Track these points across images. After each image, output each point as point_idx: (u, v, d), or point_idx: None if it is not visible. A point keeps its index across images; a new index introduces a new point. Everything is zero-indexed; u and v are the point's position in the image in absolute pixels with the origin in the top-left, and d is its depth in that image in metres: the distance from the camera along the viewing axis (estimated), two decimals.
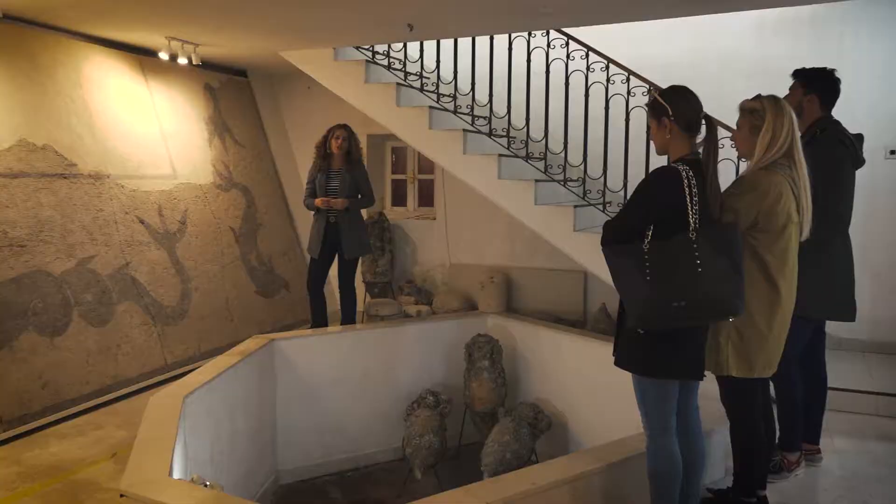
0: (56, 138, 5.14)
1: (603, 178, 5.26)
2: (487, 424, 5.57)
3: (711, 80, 5.38)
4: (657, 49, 6.08)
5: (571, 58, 5.34)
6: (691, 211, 2.58)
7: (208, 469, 4.15)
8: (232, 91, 7.23)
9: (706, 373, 2.85)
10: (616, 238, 2.72)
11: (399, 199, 7.93)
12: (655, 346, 2.66)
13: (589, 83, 5.24)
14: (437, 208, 7.45)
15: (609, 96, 5.17)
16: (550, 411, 5.48)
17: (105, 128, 5.61)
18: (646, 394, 2.75)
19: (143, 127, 6.02)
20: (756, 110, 2.95)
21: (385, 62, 6.08)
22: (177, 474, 3.22)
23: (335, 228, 5.58)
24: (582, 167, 5.39)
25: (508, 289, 6.87)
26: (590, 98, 5.25)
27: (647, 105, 2.85)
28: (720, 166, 2.72)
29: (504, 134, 5.63)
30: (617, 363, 2.82)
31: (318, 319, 5.86)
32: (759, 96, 2.99)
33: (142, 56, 6.12)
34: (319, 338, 5.57)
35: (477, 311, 6.65)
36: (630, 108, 5.02)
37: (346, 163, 5.60)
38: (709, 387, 3.10)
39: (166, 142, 6.20)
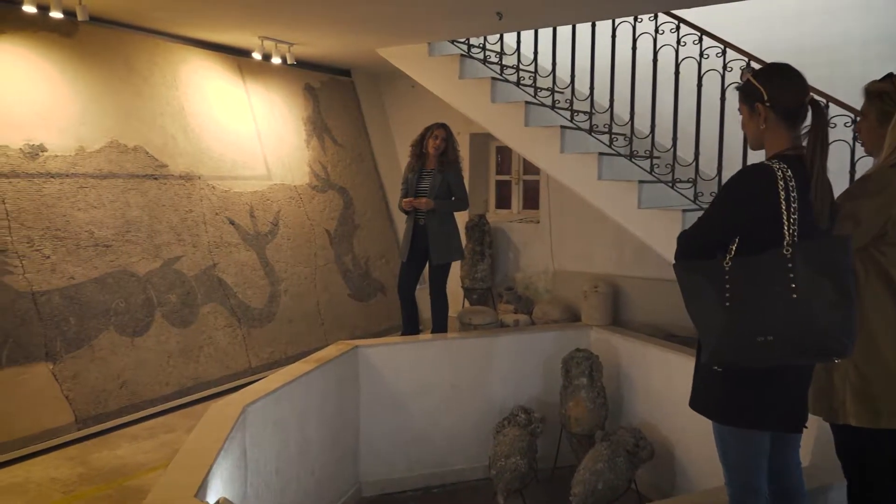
0: (148, 139, 5.19)
1: (717, 178, 4.61)
2: (584, 448, 5.09)
3: (852, 67, 4.59)
4: (788, 31, 5.30)
5: (682, 43, 4.73)
6: (787, 220, 2.02)
7: (273, 480, 4.00)
8: (333, 91, 7.14)
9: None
10: (691, 252, 2.20)
11: (503, 201, 7.54)
12: (738, 387, 2.12)
13: (702, 71, 4.61)
14: (541, 211, 6.99)
15: (725, 86, 4.51)
16: (655, 438, 4.91)
17: (199, 129, 5.63)
18: (727, 446, 2.21)
19: (239, 128, 6.01)
20: (886, 93, 2.33)
21: (480, 55, 5.72)
22: (215, 490, 3.04)
23: (424, 231, 5.32)
24: (693, 166, 4.77)
25: (615, 299, 6.29)
26: (703, 88, 4.63)
27: (737, 87, 2.30)
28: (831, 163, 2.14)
29: (605, 130, 5.11)
30: (692, 405, 2.30)
31: (410, 326, 5.62)
32: (890, 76, 2.36)
33: (240, 57, 6.12)
34: (406, 345, 5.33)
35: (579, 322, 6.15)
36: None
37: (440, 163, 5.32)
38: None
39: (262, 142, 6.16)
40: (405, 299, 5.59)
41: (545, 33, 5.49)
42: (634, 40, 4.94)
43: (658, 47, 4.82)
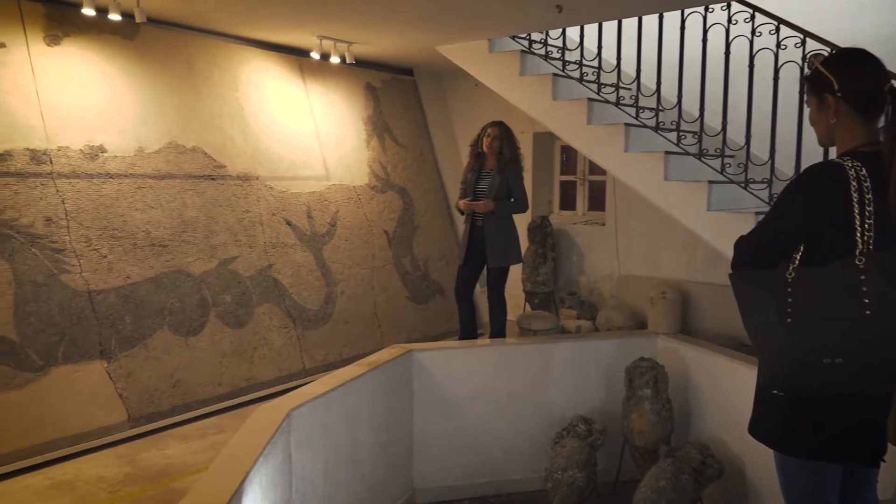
0: (206, 140, 5.22)
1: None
2: (647, 463, 4.82)
3: None
4: (879, 18, 4.88)
5: (758, 34, 4.40)
6: (861, 226, 1.77)
7: (321, 484, 3.92)
8: (395, 90, 7.06)
9: None
10: (750, 260, 1.97)
11: (568, 202, 7.28)
12: (803, 414, 1.88)
13: (779, 63, 4.28)
14: (607, 212, 6.71)
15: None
16: (725, 456, 4.58)
17: (258, 130, 5.63)
18: (790, 479, 1.96)
19: (298, 128, 5.99)
20: None
21: (542, 51, 5.51)
22: (253, 496, 2.96)
23: (481, 233, 5.16)
24: (768, 165, 4.43)
25: (684, 306, 5.96)
26: (779, 81, 4.29)
27: (805, 77, 2.04)
28: None
29: (673, 128, 4.82)
30: (751, 431, 2.06)
31: (466, 330, 5.48)
32: None
33: (301, 58, 6.10)
34: (461, 350, 5.18)
35: (645, 330, 5.85)
36: None
37: (498, 163, 5.15)
38: None
39: (321, 143, 6.13)
40: (462, 302, 5.45)
41: (610, 27, 5.24)
42: (705, 31, 4.64)
43: (731, 38, 4.51)
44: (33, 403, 3.94)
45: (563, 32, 5.47)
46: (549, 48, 5.51)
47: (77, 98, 4.55)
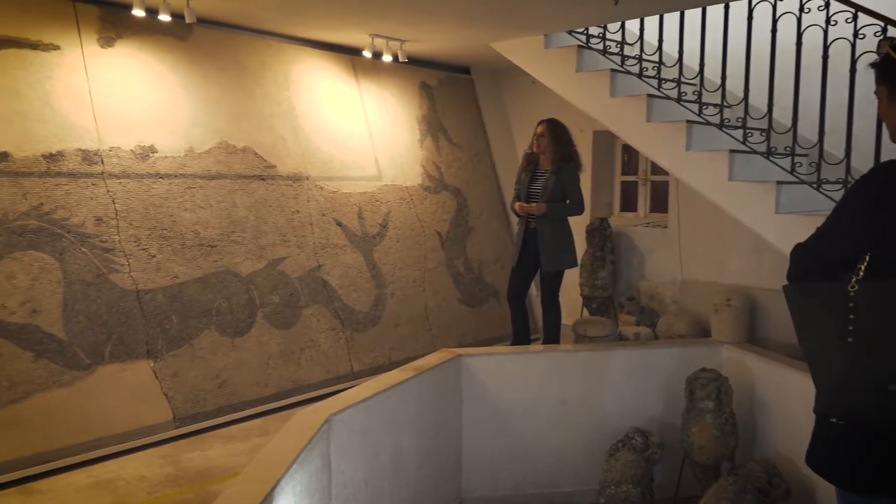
0: (257, 140, 5.21)
1: None
2: (708, 480, 4.55)
3: None
4: None
5: (833, 22, 4.08)
6: None
7: (362, 492, 3.84)
8: (451, 89, 6.93)
9: None
10: (808, 271, 1.74)
11: (629, 203, 7.01)
12: (868, 446, 1.64)
13: (856, 55, 3.95)
14: (670, 214, 6.41)
15: None
16: (793, 477, 4.28)
17: (310, 130, 5.60)
18: None
19: (350, 128, 5.94)
20: None
21: (600, 46, 5.29)
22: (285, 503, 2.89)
23: (534, 236, 4.99)
24: (843, 165, 4.10)
25: (750, 314, 5.62)
26: (857, 73, 3.96)
27: (870, 64, 1.81)
28: None
29: (739, 125, 4.53)
30: (809, 461, 1.83)
31: (519, 334, 5.32)
32: None
33: (354, 56, 6.05)
34: (513, 356, 5.02)
35: (708, 339, 5.55)
36: None
37: (553, 163, 4.96)
38: None
39: (373, 143, 6.06)
40: (514, 307, 5.29)
41: (671, 18, 4.97)
42: (774, 21, 4.34)
43: (803, 28, 4.20)
44: (80, 401, 3.98)
45: (623, 26, 5.24)
46: (608, 43, 5.28)
47: (129, 99, 4.59)
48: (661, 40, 4.95)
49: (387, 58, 5.76)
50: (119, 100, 4.54)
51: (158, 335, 4.37)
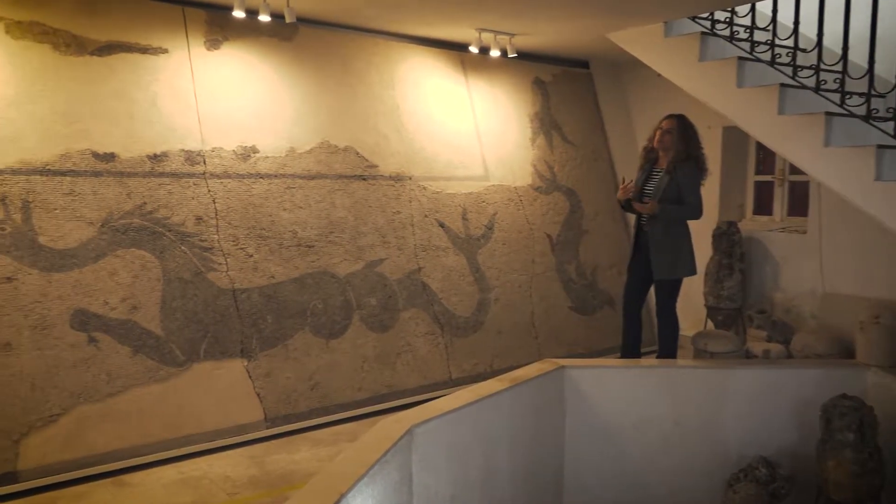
0: (359, 139, 5.14)
1: None
2: None
3: None
4: None
5: None
6: None
7: None
8: (566, 84, 6.59)
9: None
10: None
11: (763, 206, 6.36)
12: None
13: None
14: (810, 218, 5.74)
15: None
16: None
17: (414, 129, 5.47)
18: None
19: (457, 126, 5.76)
20: None
21: (727, 32, 4.79)
22: None
23: (647, 239, 4.60)
24: None
25: None
26: None
27: None
28: None
29: (889, 116, 3.92)
30: None
31: (627, 346, 4.96)
32: None
33: (463, 53, 5.86)
34: (621, 370, 4.65)
35: (852, 360, 4.91)
36: None
37: (671, 161, 4.54)
38: None
39: (480, 141, 5.84)
40: (627, 316, 4.93)
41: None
42: None
43: None
44: (174, 397, 4.06)
45: (753, 8, 4.71)
46: (735, 28, 4.77)
47: (233, 100, 4.65)
48: (796, 22, 4.40)
49: (494, 53, 5.53)
50: (223, 101, 4.61)
51: (253, 334, 4.39)
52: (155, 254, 4.14)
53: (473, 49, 5.50)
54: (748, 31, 4.74)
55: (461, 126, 5.78)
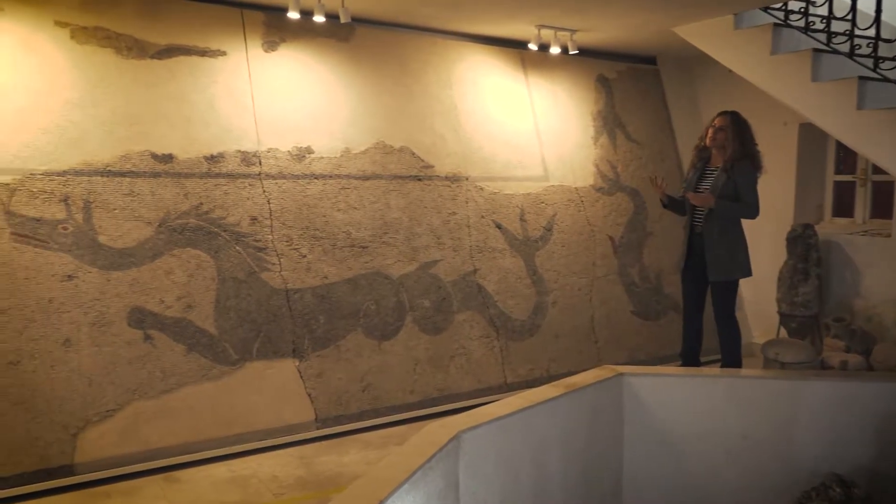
0: (415, 140, 5.09)
1: None
2: None
3: None
4: None
5: None
6: None
7: None
8: (632, 81, 6.37)
9: None
10: None
11: (844, 208, 5.98)
12: None
13: None
14: (895, 221, 5.36)
15: None
16: None
17: (472, 128, 5.38)
18: None
19: (516, 126, 5.63)
20: None
21: (801, 23, 4.52)
22: None
23: (700, 241, 4.40)
24: None
25: None
26: None
27: None
28: None
29: None
30: None
31: (686, 354, 4.78)
32: None
33: (523, 51, 5.74)
34: (683, 378, 4.44)
35: None
36: None
37: (728, 160, 4.33)
38: None
39: (540, 140, 5.70)
40: (686, 321, 4.74)
41: None
42: None
43: None
44: (226, 396, 4.10)
45: None
46: (811, 18, 4.49)
47: (289, 101, 4.67)
48: (878, 10, 4.10)
49: (555, 50, 5.38)
50: (279, 102, 4.63)
51: (305, 335, 4.39)
52: (210, 253, 4.19)
53: (533, 46, 5.37)
54: (825, 21, 4.45)
55: (520, 125, 5.65)
